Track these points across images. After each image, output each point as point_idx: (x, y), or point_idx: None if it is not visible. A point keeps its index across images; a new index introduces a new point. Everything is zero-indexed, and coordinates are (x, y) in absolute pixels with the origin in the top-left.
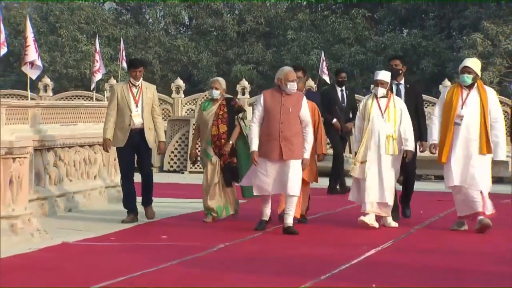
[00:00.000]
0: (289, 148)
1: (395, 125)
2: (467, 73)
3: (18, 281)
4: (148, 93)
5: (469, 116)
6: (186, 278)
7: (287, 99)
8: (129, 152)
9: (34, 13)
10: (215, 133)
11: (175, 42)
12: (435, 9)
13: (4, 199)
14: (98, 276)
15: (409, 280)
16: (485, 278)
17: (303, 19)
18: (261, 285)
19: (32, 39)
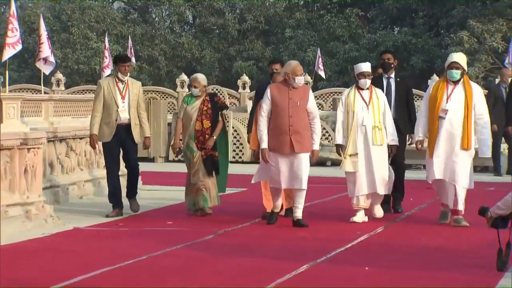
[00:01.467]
0: (300, 142)
1: (380, 116)
2: (455, 68)
3: (33, 263)
4: (134, 89)
5: (453, 111)
6: (190, 261)
7: (294, 93)
8: (115, 147)
9: (48, 12)
10: (198, 129)
11: (180, 39)
12: (425, 8)
13: (20, 187)
14: (107, 259)
15: (400, 264)
16: (472, 260)
17: (300, 18)
18: (261, 267)
19: (46, 36)
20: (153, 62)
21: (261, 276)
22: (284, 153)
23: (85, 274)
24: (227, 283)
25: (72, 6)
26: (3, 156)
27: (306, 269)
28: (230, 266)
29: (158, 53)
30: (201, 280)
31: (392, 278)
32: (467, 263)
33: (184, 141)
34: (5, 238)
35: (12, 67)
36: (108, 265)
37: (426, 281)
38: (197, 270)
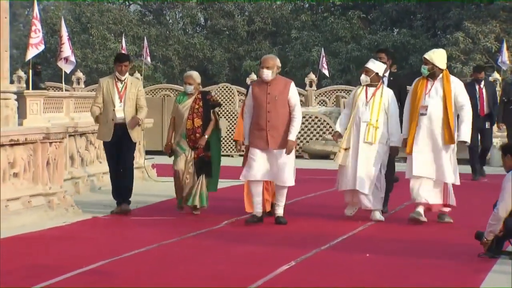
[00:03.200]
0: (275, 137)
1: (378, 114)
2: (424, 63)
3: (54, 250)
4: (132, 89)
5: (432, 107)
6: (200, 249)
7: (273, 87)
8: (114, 147)
9: (68, 14)
10: (190, 127)
11: (192, 40)
12: (422, 11)
13: (42, 178)
14: (123, 247)
15: (400, 250)
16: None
17: (305, 20)
18: (269, 254)
19: (67, 37)
20: (167, 62)
21: (270, 262)
22: (261, 148)
23: (102, 260)
24: (237, 269)
25: (91, 9)
26: (27, 149)
27: (313, 255)
28: (240, 253)
29: (172, 53)
30: (212, 267)
31: (391, 263)
32: (462, 248)
33: (176, 140)
34: (28, 226)
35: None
36: (123, 252)
37: (424, 267)
38: (208, 257)
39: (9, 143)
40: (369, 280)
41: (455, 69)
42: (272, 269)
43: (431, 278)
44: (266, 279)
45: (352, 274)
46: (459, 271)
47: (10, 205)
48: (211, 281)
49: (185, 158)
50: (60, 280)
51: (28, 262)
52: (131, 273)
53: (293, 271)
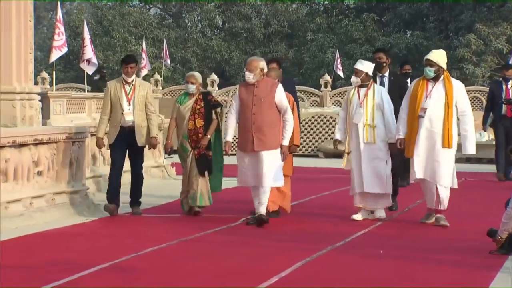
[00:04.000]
0: (261, 139)
1: (373, 113)
2: (429, 66)
3: (77, 246)
4: (141, 91)
5: (432, 109)
6: (219, 245)
7: (259, 89)
8: (120, 149)
9: (91, 17)
10: (191, 128)
11: (210, 42)
12: (435, 13)
13: (65, 176)
14: (142, 243)
15: (413, 247)
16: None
17: (321, 22)
18: (284, 251)
19: (89, 40)
20: (186, 63)
21: (285, 258)
22: (247, 151)
23: (122, 256)
24: (253, 265)
25: (113, 12)
26: (50, 148)
27: (329, 251)
28: (255, 250)
29: (191, 55)
30: (228, 263)
31: (404, 260)
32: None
33: (178, 141)
34: (52, 223)
35: (58, 68)
36: (143, 249)
37: (437, 264)
38: (224, 254)
39: (33, 143)
40: (383, 276)
41: (467, 70)
42: (287, 266)
43: (444, 274)
44: (281, 275)
45: (366, 270)
46: (470, 268)
47: (34, 202)
48: (227, 277)
49: (188, 159)
50: (82, 276)
51: (51, 258)
52: (150, 268)
53: (308, 267)
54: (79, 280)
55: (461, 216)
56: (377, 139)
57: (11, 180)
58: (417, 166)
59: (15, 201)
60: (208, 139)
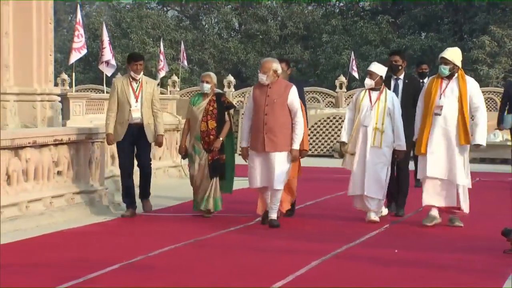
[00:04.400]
0: (272, 140)
1: (383, 118)
2: (444, 64)
3: (96, 245)
4: (148, 88)
5: (447, 107)
6: (233, 244)
7: (272, 90)
8: (128, 147)
9: (110, 20)
10: (204, 129)
11: (227, 44)
12: (449, 15)
13: (85, 176)
14: (160, 242)
15: (426, 247)
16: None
17: (336, 24)
18: (300, 250)
19: (108, 42)
20: (203, 65)
21: (302, 256)
22: (259, 151)
23: (141, 255)
24: (270, 263)
25: (131, 15)
26: (70, 149)
27: (346, 249)
28: (272, 248)
29: (208, 56)
30: (245, 261)
31: (418, 259)
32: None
33: (190, 142)
34: (71, 222)
35: (78, 69)
36: (160, 247)
37: (450, 263)
38: (242, 252)
39: (53, 143)
40: (398, 275)
41: (481, 72)
42: (304, 264)
43: (458, 273)
44: (298, 273)
45: (381, 269)
46: (484, 268)
47: (54, 202)
48: (243, 275)
49: (199, 161)
50: (101, 274)
51: (71, 256)
52: (167, 267)
53: (324, 266)
54: (98, 278)
55: (474, 216)
56: (383, 144)
57: (32, 180)
58: (431, 164)
59: (35, 200)
60: (221, 142)
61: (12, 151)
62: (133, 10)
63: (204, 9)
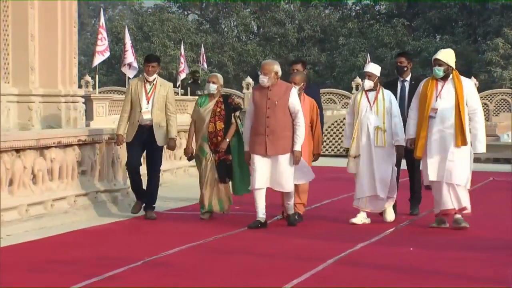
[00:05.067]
0: (274, 143)
1: (384, 117)
2: (438, 65)
3: (119, 242)
4: (161, 91)
5: (443, 109)
6: (252, 242)
7: (273, 92)
8: (136, 148)
9: (132, 23)
10: (211, 130)
11: (246, 47)
12: (464, 18)
13: (108, 175)
14: (180, 239)
15: (440, 244)
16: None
17: (352, 27)
18: (317, 248)
19: (130, 45)
20: (222, 67)
21: (319, 254)
22: (260, 153)
23: (162, 252)
24: (288, 261)
25: (152, 18)
26: (94, 149)
27: (362, 247)
28: (289, 247)
29: (227, 59)
30: (263, 259)
31: (433, 256)
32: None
33: (197, 144)
34: (94, 220)
35: (101, 72)
36: (180, 245)
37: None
38: (260, 250)
39: (77, 143)
40: (414, 271)
41: (495, 74)
42: (321, 262)
43: (472, 271)
44: (315, 270)
45: (397, 266)
46: (497, 265)
47: (78, 200)
48: (264, 271)
49: (206, 162)
50: (124, 271)
51: (94, 254)
52: (190, 263)
53: (341, 263)
54: (120, 275)
55: (488, 215)
56: (387, 143)
57: (57, 179)
58: (430, 168)
59: (60, 199)
60: (227, 143)
61: (38, 151)
62: (155, 14)
63: (224, 13)
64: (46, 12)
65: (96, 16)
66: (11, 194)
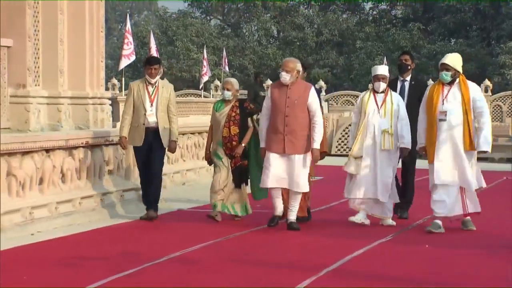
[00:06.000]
0: (293, 142)
1: (391, 120)
2: (445, 70)
3: (144, 238)
4: (164, 93)
5: (451, 113)
6: (271, 239)
7: (292, 91)
8: (145, 153)
9: (156, 28)
10: (226, 135)
11: (266, 50)
12: (478, 22)
13: (133, 174)
14: (204, 236)
15: (454, 242)
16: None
17: (369, 31)
18: (334, 244)
19: (155, 49)
20: (243, 70)
21: (336, 251)
22: (278, 152)
23: (186, 248)
24: (307, 257)
25: (176, 23)
26: (120, 149)
27: (374, 246)
28: (306, 243)
29: (248, 62)
30: (284, 255)
31: (447, 253)
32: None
33: (212, 148)
34: (121, 217)
35: (127, 75)
36: (204, 241)
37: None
38: (279, 247)
39: (104, 143)
40: (429, 267)
41: (508, 76)
42: (338, 258)
43: (483, 265)
44: (332, 267)
45: (413, 262)
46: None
47: (104, 198)
48: (285, 267)
49: (222, 166)
50: (148, 266)
51: (120, 250)
52: (213, 259)
53: (358, 260)
54: (146, 270)
55: (501, 215)
56: (394, 147)
57: (84, 178)
58: (440, 171)
59: (88, 197)
60: (242, 148)
61: (67, 151)
62: (179, 19)
63: (245, 18)
64: (75, 17)
65: (123, 21)
66: (41, 192)
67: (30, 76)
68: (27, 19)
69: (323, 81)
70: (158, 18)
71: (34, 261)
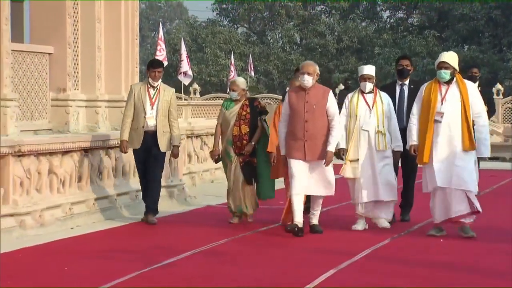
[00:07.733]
0: (313, 148)
1: (384, 120)
2: (444, 68)
3: (175, 233)
4: (165, 96)
5: (450, 113)
6: (286, 237)
7: (311, 96)
8: (143, 155)
9: (187, 36)
10: (236, 134)
11: (290, 56)
12: (490, 29)
13: (165, 173)
14: (228, 232)
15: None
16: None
17: (387, 38)
18: (352, 239)
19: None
20: (268, 75)
21: (354, 246)
22: (299, 159)
23: (213, 242)
24: (323, 254)
25: (206, 31)
26: None
27: (390, 241)
28: (323, 239)
29: (272, 67)
30: (298, 254)
31: (460, 247)
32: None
33: (222, 147)
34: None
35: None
36: (228, 236)
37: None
38: (293, 245)
39: None
40: (444, 260)
41: None
42: (355, 254)
43: (497, 261)
44: (350, 262)
45: (428, 256)
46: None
47: (139, 195)
48: (299, 265)
49: (232, 165)
50: (180, 259)
51: (153, 243)
52: (238, 252)
53: (376, 253)
54: (176, 263)
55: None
56: (387, 147)
57: (120, 176)
58: (439, 173)
59: (123, 193)
60: (252, 146)
61: (104, 151)
62: (208, 27)
63: (270, 26)
64: (111, 26)
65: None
66: (80, 189)
67: (70, 81)
68: (67, 28)
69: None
70: (188, 26)
71: (73, 254)
